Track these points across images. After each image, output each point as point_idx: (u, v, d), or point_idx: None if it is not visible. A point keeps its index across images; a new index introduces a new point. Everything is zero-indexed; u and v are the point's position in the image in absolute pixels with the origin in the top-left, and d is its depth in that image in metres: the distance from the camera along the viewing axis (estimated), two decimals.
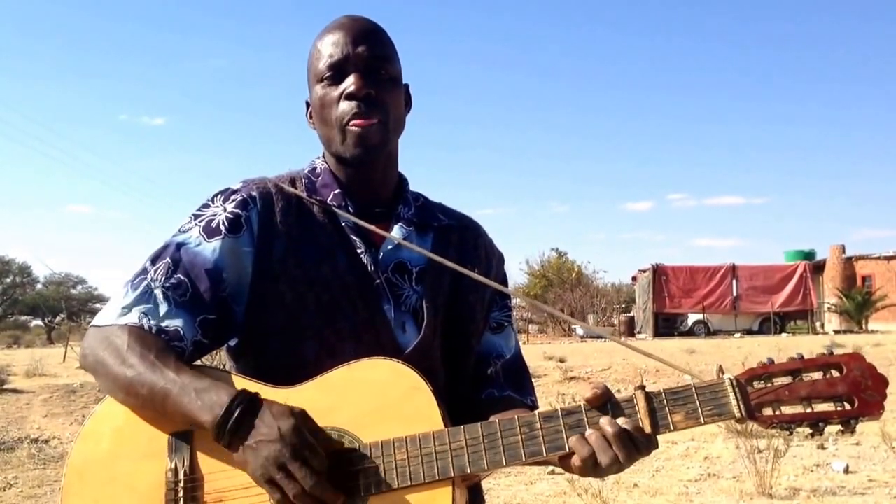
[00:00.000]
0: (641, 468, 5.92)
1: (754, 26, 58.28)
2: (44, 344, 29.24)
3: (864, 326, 24.89)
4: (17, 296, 41.86)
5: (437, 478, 1.01)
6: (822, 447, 6.58)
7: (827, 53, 55.11)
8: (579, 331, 24.93)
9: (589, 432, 1.01)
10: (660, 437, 1.02)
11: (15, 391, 9.60)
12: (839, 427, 1.00)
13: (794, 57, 55.75)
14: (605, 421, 1.01)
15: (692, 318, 25.77)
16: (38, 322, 40.14)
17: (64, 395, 9.36)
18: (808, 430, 1.01)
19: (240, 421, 1.00)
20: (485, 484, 1.26)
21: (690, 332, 24.98)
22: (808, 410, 1.00)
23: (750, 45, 57.14)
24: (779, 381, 1.02)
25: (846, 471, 5.65)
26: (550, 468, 5.77)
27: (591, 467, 1.01)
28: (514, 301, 1.45)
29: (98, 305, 39.86)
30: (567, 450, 1.02)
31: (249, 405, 1.01)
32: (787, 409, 1.01)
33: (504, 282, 1.34)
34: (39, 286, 41.91)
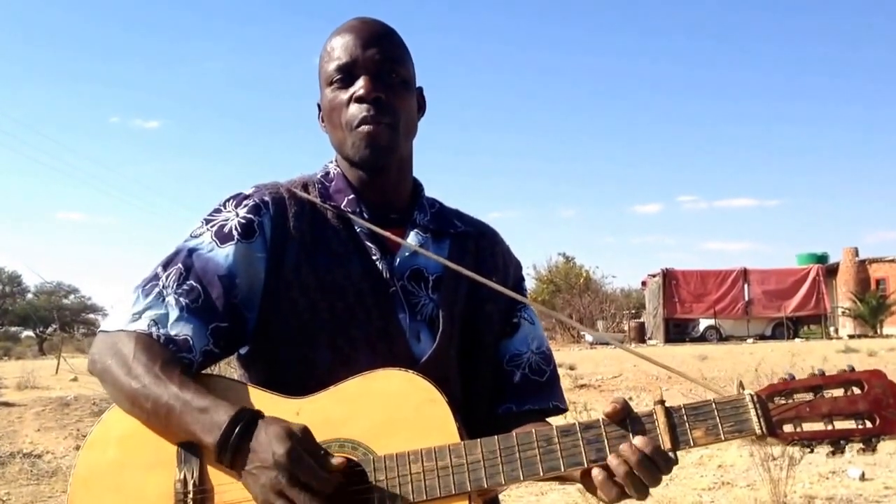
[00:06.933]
0: None
1: (766, 25, 58.12)
2: (35, 355, 28.13)
3: (878, 330, 24.64)
4: (7, 306, 40.47)
5: (453, 492, 0.99)
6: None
7: (840, 53, 54.83)
8: (589, 338, 24.83)
9: (623, 446, 0.98)
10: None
11: (6, 404, 9.28)
12: (860, 445, 0.99)
13: (807, 56, 55.50)
14: (625, 448, 0.98)
15: (704, 323, 25.58)
16: (30, 333, 38.98)
17: (57, 408, 9.04)
18: (829, 448, 1.00)
19: (238, 444, 0.98)
20: None
21: (702, 338, 24.81)
22: (829, 428, 0.99)
23: (761, 45, 56.99)
24: (799, 397, 1.00)
25: (862, 478, 5.58)
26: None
27: (626, 485, 0.97)
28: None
29: (91, 315, 38.59)
30: (585, 465, 0.99)
31: (246, 427, 0.99)
32: (808, 426, 0.99)
33: (520, 289, 1.31)
34: (30, 296, 40.54)
